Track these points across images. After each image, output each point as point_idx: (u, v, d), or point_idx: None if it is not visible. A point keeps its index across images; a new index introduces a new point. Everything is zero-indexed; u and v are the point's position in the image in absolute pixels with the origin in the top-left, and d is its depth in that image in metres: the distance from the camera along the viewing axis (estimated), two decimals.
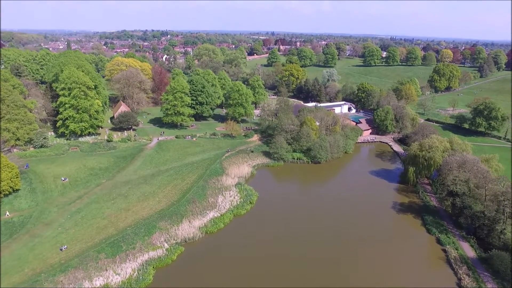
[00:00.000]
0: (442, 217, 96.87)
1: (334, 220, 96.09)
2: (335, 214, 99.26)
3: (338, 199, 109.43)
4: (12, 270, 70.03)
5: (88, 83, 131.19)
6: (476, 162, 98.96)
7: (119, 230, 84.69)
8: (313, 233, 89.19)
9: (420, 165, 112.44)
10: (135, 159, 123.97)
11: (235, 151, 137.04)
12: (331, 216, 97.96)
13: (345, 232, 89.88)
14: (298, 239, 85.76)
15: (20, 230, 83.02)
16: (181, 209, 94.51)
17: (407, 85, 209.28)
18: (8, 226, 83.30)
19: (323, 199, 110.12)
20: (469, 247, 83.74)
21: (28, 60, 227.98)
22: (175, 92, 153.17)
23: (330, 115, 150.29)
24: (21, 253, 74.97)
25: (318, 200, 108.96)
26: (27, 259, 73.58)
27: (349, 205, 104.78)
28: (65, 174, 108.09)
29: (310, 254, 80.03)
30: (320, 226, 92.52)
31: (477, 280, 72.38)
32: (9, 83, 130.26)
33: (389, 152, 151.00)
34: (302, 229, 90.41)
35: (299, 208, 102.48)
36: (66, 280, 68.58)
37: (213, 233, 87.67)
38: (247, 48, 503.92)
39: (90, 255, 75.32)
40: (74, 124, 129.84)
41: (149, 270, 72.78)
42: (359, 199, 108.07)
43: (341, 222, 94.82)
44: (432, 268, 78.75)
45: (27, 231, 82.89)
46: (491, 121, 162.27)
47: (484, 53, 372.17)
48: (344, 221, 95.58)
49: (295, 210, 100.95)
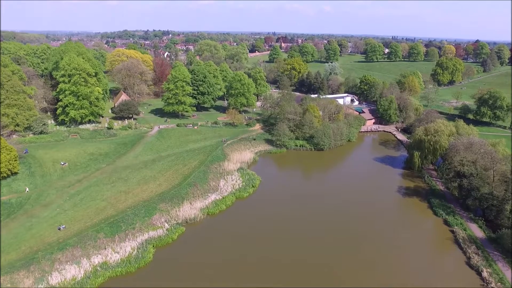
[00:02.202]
0: (449, 201, 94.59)
1: (338, 203, 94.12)
2: (340, 197, 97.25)
3: (343, 183, 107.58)
4: (9, 248, 68.29)
5: (89, 70, 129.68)
6: (483, 144, 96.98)
7: (119, 211, 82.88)
8: (318, 215, 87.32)
9: (426, 150, 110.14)
10: (136, 146, 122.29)
11: (237, 139, 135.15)
12: (335, 199, 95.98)
13: (350, 215, 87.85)
14: (302, 222, 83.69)
15: (17, 210, 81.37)
16: (182, 192, 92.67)
17: (410, 77, 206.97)
18: (6, 207, 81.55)
19: (327, 183, 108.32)
20: (478, 228, 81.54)
21: (29, 53, 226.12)
22: (176, 81, 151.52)
23: (333, 104, 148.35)
24: (18, 232, 73.26)
25: (322, 184, 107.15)
26: (24, 238, 71.85)
27: (353, 189, 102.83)
28: (64, 159, 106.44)
29: (314, 236, 78.03)
30: (325, 209, 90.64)
31: (486, 259, 70.20)
32: (9, 68, 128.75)
33: (393, 140, 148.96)
34: (306, 212, 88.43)
35: (303, 192, 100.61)
36: (63, 257, 66.81)
37: (215, 214, 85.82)
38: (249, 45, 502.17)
39: (89, 234, 73.51)
40: (74, 111, 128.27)
41: (149, 248, 70.91)
42: (363, 183, 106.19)
43: (346, 205, 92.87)
44: (440, 247, 76.82)
45: (24, 211, 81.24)
46: (496, 110, 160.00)
47: (487, 48, 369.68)
48: (349, 204, 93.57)
49: (299, 194, 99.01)
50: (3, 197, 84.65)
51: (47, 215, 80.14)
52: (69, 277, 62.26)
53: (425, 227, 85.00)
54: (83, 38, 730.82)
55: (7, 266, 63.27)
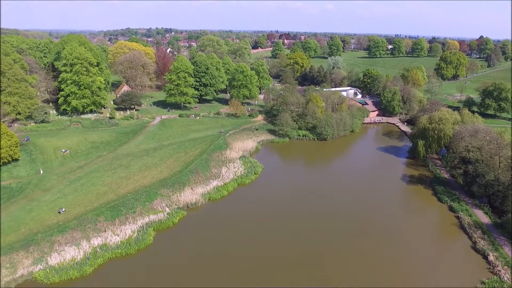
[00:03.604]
0: (454, 188, 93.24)
1: (342, 189, 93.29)
2: (343, 184, 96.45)
3: (346, 171, 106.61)
4: (8, 230, 67.57)
5: (90, 59, 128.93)
6: (488, 131, 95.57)
7: (119, 196, 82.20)
8: (321, 201, 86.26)
9: (430, 139, 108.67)
10: (138, 135, 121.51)
11: (239, 129, 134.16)
12: (339, 186, 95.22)
13: (354, 201, 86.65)
14: (305, 208, 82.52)
15: (18, 195, 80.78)
16: (183, 178, 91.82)
17: (414, 70, 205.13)
18: (6, 191, 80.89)
19: (330, 171, 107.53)
20: (483, 214, 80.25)
21: (32, 47, 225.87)
22: (178, 72, 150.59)
23: (336, 95, 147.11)
24: (17, 215, 72.55)
25: (325, 172, 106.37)
26: (23, 221, 71.17)
27: (356, 176, 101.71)
28: (65, 147, 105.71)
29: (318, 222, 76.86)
30: (328, 195, 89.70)
31: (493, 243, 68.90)
32: (10, 57, 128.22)
33: (396, 131, 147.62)
34: (309, 199, 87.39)
35: (306, 179, 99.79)
36: (63, 239, 66.16)
37: (216, 200, 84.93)
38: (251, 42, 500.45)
39: (89, 218, 72.81)
40: (76, 101, 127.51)
41: (150, 231, 70.08)
42: (367, 172, 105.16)
43: (349, 191, 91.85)
44: (446, 233, 75.67)
45: (25, 196, 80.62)
46: (501, 102, 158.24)
47: (491, 44, 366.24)
48: (352, 190, 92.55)
49: (302, 181, 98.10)
50: (3, 182, 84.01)
51: (47, 199, 79.44)
52: (69, 258, 61.57)
53: (430, 213, 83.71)
54: (86, 36, 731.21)
55: (6, 247, 62.58)
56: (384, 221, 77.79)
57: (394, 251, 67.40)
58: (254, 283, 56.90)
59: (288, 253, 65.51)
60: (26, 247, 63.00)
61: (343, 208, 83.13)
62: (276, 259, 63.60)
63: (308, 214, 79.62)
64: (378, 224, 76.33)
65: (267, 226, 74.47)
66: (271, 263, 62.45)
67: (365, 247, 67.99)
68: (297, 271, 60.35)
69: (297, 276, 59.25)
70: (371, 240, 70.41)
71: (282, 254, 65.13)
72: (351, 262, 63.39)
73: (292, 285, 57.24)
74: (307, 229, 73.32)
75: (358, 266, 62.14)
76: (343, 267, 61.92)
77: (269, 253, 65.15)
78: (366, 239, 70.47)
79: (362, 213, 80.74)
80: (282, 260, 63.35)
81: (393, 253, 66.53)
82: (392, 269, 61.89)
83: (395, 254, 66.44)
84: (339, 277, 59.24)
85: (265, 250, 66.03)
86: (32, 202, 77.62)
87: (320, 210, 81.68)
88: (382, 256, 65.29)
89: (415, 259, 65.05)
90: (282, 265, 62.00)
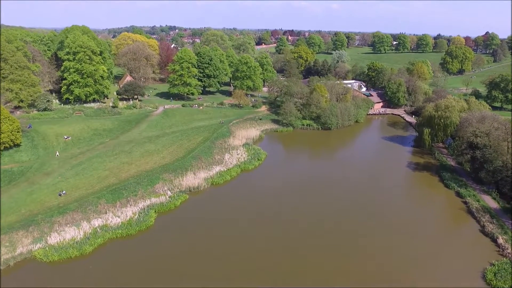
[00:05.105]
0: (461, 175, 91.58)
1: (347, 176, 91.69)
2: (348, 171, 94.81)
3: (351, 158, 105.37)
4: (8, 211, 66.92)
5: (93, 47, 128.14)
6: (496, 117, 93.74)
7: (121, 180, 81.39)
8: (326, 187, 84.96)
9: (436, 127, 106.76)
10: (140, 123, 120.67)
11: (242, 119, 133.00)
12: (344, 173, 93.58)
13: (360, 187, 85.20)
14: (309, 195, 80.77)
15: (19, 178, 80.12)
16: (186, 164, 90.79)
17: (419, 63, 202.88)
18: (7, 174, 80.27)
19: (335, 159, 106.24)
20: (491, 200, 78.54)
21: (36, 40, 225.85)
22: (182, 62, 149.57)
23: (340, 85, 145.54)
24: (18, 197, 71.97)
25: (330, 160, 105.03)
26: (24, 202, 70.55)
27: (361, 164, 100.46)
28: (68, 134, 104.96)
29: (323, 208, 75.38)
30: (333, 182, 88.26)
31: (502, 227, 67.27)
32: (13, 44, 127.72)
33: (401, 122, 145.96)
34: (314, 186, 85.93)
35: (310, 166, 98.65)
36: (63, 220, 65.34)
37: (219, 184, 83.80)
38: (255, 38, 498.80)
39: (90, 200, 71.95)
40: (79, 89, 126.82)
41: (151, 213, 69.09)
42: (372, 159, 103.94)
43: (355, 178, 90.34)
44: (453, 217, 74.10)
45: (26, 179, 79.94)
46: (508, 93, 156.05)
47: (497, 39, 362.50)
48: (358, 177, 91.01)
49: (306, 168, 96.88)
50: (5, 166, 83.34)
51: (48, 182, 78.76)
52: (68, 237, 60.71)
53: (437, 198, 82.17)
54: None
55: (6, 227, 61.85)
56: (391, 206, 76.40)
57: (403, 235, 65.77)
58: (252, 267, 55.62)
59: (291, 234, 64.38)
60: (26, 227, 62.22)
61: (348, 193, 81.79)
62: (277, 240, 62.46)
63: (315, 199, 78.20)
64: (385, 209, 74.83)
65: (270, 211, 73.05)
66: (271, 245, 61.13)
67: (374, 231, 66.47)
68: (299, 252, 59.30)
69: (299, 255, 58.16)
70: (380, 224, 68.87)
71: (283, 235, 63.96)
72: (360, 245, 61.85)
73: (295, 262, 56.03)
74: (313, 215, 71.88)
75: (368, 250, 60.63)
76: (351, 250, 60.50)
77: (270, 235, 63.96)
78: (374, 224, 68.94)
79: (369, 199, 79.20)
80: (283, 241, 62.19)
81: (401, 237, 64.91)
82: (401, 252, 60.33)
83: (404, 238, 64.77)
84: (346, 260, 57.95)
85: (266, 234, 64.75)
86: (33, 185, 76.93)
87: (326, 195, 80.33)
88: (391, 240, 63.75)
89: (424, 242, 63.44)
90: (283, 247, 60.73)
